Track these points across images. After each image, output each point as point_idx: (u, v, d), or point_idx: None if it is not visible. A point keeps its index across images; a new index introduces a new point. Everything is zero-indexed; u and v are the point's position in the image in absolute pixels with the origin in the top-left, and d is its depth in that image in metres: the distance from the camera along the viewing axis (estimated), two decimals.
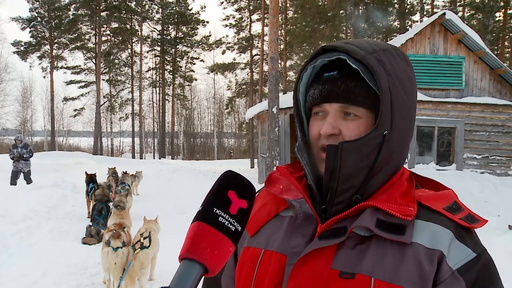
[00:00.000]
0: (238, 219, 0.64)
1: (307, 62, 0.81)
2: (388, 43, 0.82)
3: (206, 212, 0.63)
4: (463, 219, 0.73)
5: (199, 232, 0.61)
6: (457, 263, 0.69)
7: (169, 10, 37.39)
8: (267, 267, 0.78)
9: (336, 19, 22.17)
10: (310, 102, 0.81)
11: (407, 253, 0.70)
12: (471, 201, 9.50)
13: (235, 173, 0.68)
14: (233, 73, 37.04)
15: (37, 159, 19.67)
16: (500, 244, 5.90)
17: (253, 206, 0.88)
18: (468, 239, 0.72)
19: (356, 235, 0.73)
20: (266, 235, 0.82)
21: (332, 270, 0.72)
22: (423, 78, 11.57)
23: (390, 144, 0.75)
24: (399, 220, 0.71)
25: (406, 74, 0.78)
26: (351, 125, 0.76)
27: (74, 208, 8.99)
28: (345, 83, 0.76)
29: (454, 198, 0.78)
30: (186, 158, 40.15)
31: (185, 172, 16.34)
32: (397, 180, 0.79)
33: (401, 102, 0.75)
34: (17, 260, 5.43)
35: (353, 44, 0.76)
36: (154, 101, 41.32)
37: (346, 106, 0.76)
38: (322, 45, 0.80)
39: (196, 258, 0.59)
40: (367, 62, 0.73)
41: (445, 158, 11.71)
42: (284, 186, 0.85)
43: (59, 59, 35.17)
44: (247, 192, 0.67)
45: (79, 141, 42.58)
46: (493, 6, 24.45)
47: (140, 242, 4.35)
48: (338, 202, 0.76)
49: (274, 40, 12.11)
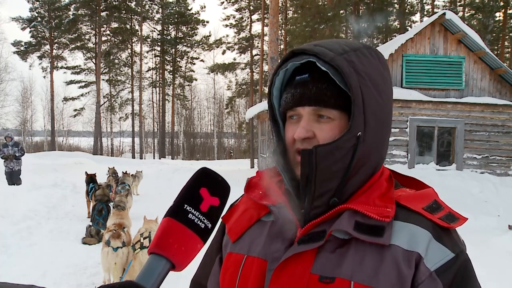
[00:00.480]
0: (208, 217, 0.64)
1: (278, 66, 0.81)
2: (360, 42, 0.81)
3: (177, 208, 0.64)
4: (442, 219, 0.72)
5: (168, 228, 0.62)
6: (435, 264, 0.68)
7: (169, 10, 37.41)
8: (249, 273, 0.78)
9: (336, 19, 22.16)
10: (284, 106, 0.80)
11: (386, 255, 0.69)
12: (471, 201, 9.50)
13: (209, 170, 0.69)
14: (233, 73, 37.10)
15: (37, 159, 19.69)
16: (500, 244, 5.90)
17: (236, 211, 0.88)
18: (446, 239, 0.71)
19: (336, 239, 0.73)
20: (248, 240, 0.82)
21: (312, 275, 0.71)
22: (423, 78, 11.57)
23: (365, 145, 0.74)
24: (378, 222, 0.71)
25: (379, 73, 0.77)
26: (325, 128, 0.75)
27: (74, 208, 8.99)
28: (316, 85, 0.75)
29: (434, 197, 0.77)
30: (186, 158, 40.15)
31: (185, 172, 16.35)
32: (376, 181, 0.78)
33: (374, 102, 0.74)
34: (17, 260, 5.43)
35: (323, 46, 0.76)
36: (154, 101, 41.36)
37: (318, 109, 0.76)
38: (292, 49, 0.80)
39: (163, 254, 0.60)
40: (336, 64, 0.72)
41: (445, 158, 11.70)
42: (263, 191, 0.85)
43: (59, 59, 35.20)
44: (220, 190, 0.68)
45: (79, 141, 42.58)
46: (493, 6, 24.45)
47: (140, 242, 4.35)
48: (316, 206, 0.76)
49: (274, 40, 12.11)
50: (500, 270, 4.74)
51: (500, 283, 4.31)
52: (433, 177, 10.44)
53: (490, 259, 5.08)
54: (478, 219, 8.10)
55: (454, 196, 9.44)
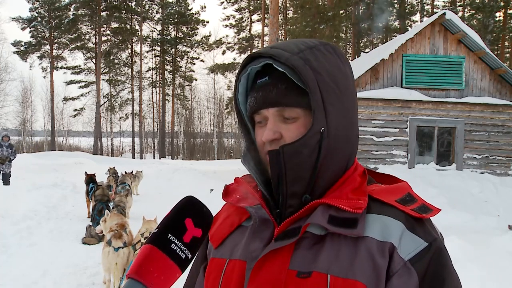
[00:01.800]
0: (190, 248, 0.66)
1: (239, 73, 0.82)
2: (317, 40, 0.82)
3: (160, 237, 0.65)
4: (415, 210, 0.74)
5: (150, 256, 0.63)
6: (408, 253, 0.70)
7: (169, 10, 37.41)
8: (231, 276, 0.79)
9: (336, 19, 22.16)
10: (249, 110, 0.82)
11: (360, 247, 0.71)
12: (471, 201, 9.50)
13: (195, 200, 0.70)
14: (233, 73, 37.07)
15: (37, 159, 19.69)
16: (500, 244, 5.89)
17: (218, 218, 0.90)
18: (419, 229, 0.72)
19: (312, 235, 0.74)
20: (230, 245, 0.83)
21: (290, 271, 0.72)
22: (423, 78, 11.56)
23: (330, 141, 0.75)
24: (351, 214, 0.72)
25: (337, 68, 0.78)
26: (291, 127, 0.77)
27: (74, 208, 8.99)
28: (276, 86, 0.77)
29: (408, 190, 0.78)
30: (186, 158, 40.13)
31: (185, 172, 16.34)
32: (349, 176, 0.80)
33: (333, 97, 0.75)
34: (17, 260, 5.43)
35: (278, 48, 0.77)
36: (154, 101, 41.36)
37: (282, 109, 0.77)
38: (249, 54, 0.82)
39: (142, 281, 0.61)
40: (291, 64, 0.74)
41: (445, 158, 11.70)
42: (240, 195, 0.87)
43: (59, 59, 35.20)
44: (204, 221, 0.69)
45: (79, 141, 42.56)
46: (493, 6, 24.46)
47: (140, 242, 4.35)
48: (290, 205, 0.77)
49: (274, 40, 12.11)
50: (500, 270, 4.74)
51: (500, 283, 4.31)
52: (433, 177, 10.44)
53: (490, 259, 5.07)
54: (478, 219, 8.09)
55: (454, 196, 9.44)
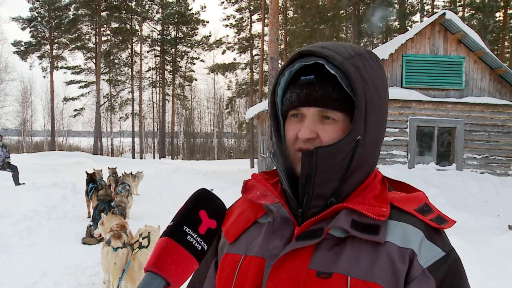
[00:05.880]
0: (206, 239, 0.67)
1: (284, 67, 0.82)
2: (361, 47, 0.83)
3: (176, 229, 0.66)
4: (433, 220, 0.76)
5: (167, 248, 0.64)
6: (427, 261, 0.72)
7: (169, 10, 37.39)
8: (247, 272, 0.79)
9: (336, 19, 22.16)
10: (288, 106, 0.82)
11: (381, 252, 0.73)
12: (471, 201, 9.50)
13: (209, 193, 0.71)
14: (233, 73, 37.08)
15: (37, 159, 19.68)
16: (500, 244, 5.88)
17: (232, 214, 0.91)
18: (437, 239, 0.75)
19: (332, 237, 0.76)
20: (245, 241, 0.84)
21: (310, 270, 0.74)
22: (423, 78, 11.57)
23: (363, 149, 0.77)
24: (373, 220, 0.74)
25: (380, 79, 0.79)
26: (329, 129, 0.77)
27: (74, 208, 8.99)
28: (323, 87, 0.77)
29: (425, 200, 0.81)
30: (186, 158, 40.14)
31: (185, 172, 16.34)
32: (370, 183, 0.82)
33: (375, 108, 0.77)
34: (17, 260, 5.43)
35: (330, 49, 0.77)
36: (154, 101, 41.35)
37: (324, 111, 0.77)
38: (299, 50, 0.81)
39: (161, 273, 0.62)
40: (344, 68, 0.74)
41: (445, 158, 11.70)
42: (260, 192, 0.87)
43: (59, 59, 35.19)
44: (218, 212, 0.70)
45: (79, 141, 42.56)
46: (493, 6, 24.46)
47: (138, 242, 4.35)
48: (314, 206, 0.78)
49: (274, 40, 12.12)
50: (500, 270, 4.74)
51: (500, 283, 4.31)
52: (433, 177, 10.43)
53: (490, 259, 5.07)
54: (478, 219, 8.09)
55: (454, 196, 9.44)
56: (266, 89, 27.23)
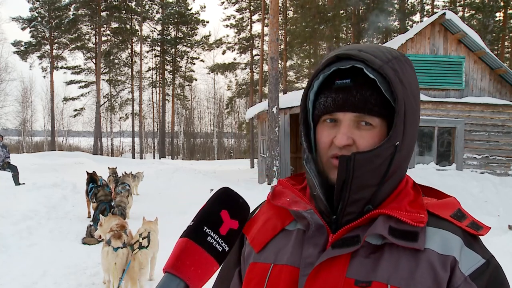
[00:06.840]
0: (227, 240, 0.64)
1: (319, 70, 0.79)
2: (395, 50, 0.81)
3: (196, 230, 0.64)
4: (469, 226, 0.75)
5: (186, 249, 0.62)
6: (468, 269, 0.70)
7: (169, 10, 37.38)
8: (278, 281, 0.76)
9: (336, 19, 22.13)
10: (322, 110, 0.79)
11: (421, 259, 0.70)
12: (471, 201, 9.50)
13: (231, 191, 0.69)
14: (233, 73, 37.04)
15: (37, 159, 19.67)
16: (500, 244, 5.88)
17: (257, 221, 0.87)
18: (476, 245, 0.73)
19: (369, 244, 0.74)
20: (273, 250, 0.80)
21: (348, 279, 0.71)
22: (423, 78, 11.57)
23: (400, 154, 0.75)
24: (411, 227, 0.72)
25: (415, 82, 0.78)
26: (366, 135, 0.75)
27: (74, 208, 8.98)
28: (360, 92, 0.74)
29: (458, 206, 0.79)
30: (186, 158, 40.15)
31: (185, 172, 16.33)
32: (403, 189, 0.80)
33: (412, 112, 0.75)
34: (17, 260, 5.43)
35: (368, 52, 0.75)
36: (154, 101, 41.35)
37: (361, 116, 0.75)
38: (335, 53, 0.78)
39: (180, 275, 0.60)
40: (384, 72, 0.72)
41: (445, 158, 11.70)
42: (290, 199, 0.84)
43: (59, 59, 35.17)
44: (241, 213, 0.68)
45: (79, 141, 42.58)
46: (493, 6, 24.46)
47: (138, 242, 4.35)
48: (349, 212, 0.76)
49: (274, 40, 12.12)
50: None
51: None
52: (433, 177, 10.43)
53: None
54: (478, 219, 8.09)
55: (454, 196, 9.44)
56: (266, 89, 27.20)
